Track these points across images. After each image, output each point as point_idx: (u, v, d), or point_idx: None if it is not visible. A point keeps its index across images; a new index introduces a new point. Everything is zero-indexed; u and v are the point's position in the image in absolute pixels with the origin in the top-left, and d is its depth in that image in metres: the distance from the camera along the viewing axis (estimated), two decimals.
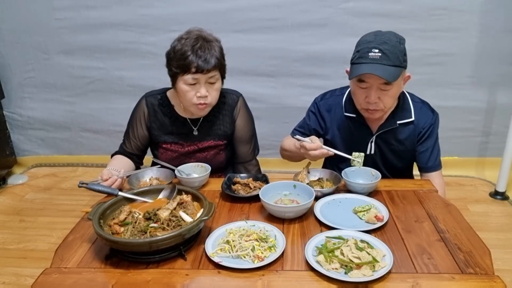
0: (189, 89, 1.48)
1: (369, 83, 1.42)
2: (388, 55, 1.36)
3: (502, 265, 1.99)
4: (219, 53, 1.48)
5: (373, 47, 1.38)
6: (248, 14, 2.66)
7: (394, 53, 1.37)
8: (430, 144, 1.60)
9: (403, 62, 1.41)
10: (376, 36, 1.41)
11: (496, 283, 0.99)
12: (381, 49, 1.37)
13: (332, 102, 1.67)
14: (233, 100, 1.69)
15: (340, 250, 1.07)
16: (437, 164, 1.63)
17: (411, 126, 1.58)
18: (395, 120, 1.56)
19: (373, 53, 1.37)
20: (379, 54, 1.36)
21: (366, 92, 1.45)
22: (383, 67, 1.36)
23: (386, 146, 1.61)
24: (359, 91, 1.48)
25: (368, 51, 1.38)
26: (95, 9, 2.75)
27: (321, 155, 1.43)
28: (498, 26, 2.57)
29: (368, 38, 1.42)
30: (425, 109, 1.60)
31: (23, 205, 2.73)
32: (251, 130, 1.75)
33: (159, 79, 2.66)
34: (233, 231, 1.18)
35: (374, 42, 1.39)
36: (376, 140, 1.60)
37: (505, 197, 2.67)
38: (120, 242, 1.06)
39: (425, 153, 1.61)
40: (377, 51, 1.37)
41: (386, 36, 1.41)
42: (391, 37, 1.41)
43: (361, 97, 1.48)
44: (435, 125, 1.60)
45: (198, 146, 1.67)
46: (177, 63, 1.45)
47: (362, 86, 1.45)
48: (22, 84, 3.04)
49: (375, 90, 1.43)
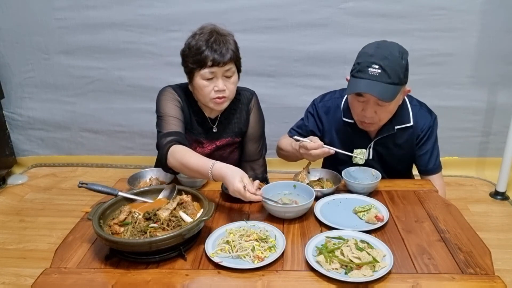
0: (206, 83, 1.47)
1: (366, 97, 1.40)
2: (388, 72, 1.32)
3: (502, 265, 1.99)
4: (234, 46, 1.48)
5: (374, 62, 1.34)
6: (248, 14, 2.66)
7: (395, 70, 1.33)
8: (429, 147, 1.59)
9: (403, 78, 1.37)
10: (377, 49, 1.37)
11: (496, 283, 0.99)
12: (381, 65, 1.32)
13: (331, 104, 1.65)
14: (247, 98, 1.69)
15: (340, 250, 1.07)
16: (437, 166, 1.62)
17: (409, 130, 1.57)
18: (393, 126, 1.54)
19: (373, 68, 1.33)
20: (379, 71, 1.33)
21: (363, 105, 1.43)
22: (381, 85, 1.33)
23: (385, 151, 1.60)
24: (356, 104, 1.46)
25: (368, 66, 1.34)
26: (95, 9, 2.75)
27: (322, 154, 1.43)
28: (498, 26, 2.57)
29: (370, 51, 1.38)
30: (423, 112, 1.58)
31: (23, 205, 2.73)
32: (261, 128, 1.74)
33: (159, 79, 2.67)
34: (233, 231, 1.18)
35: (375, 56, 1.35)
36: (375, 145, 1.59)
37: (505, 197, 2.67)
38: (120, 242, 1.06)
39: (425, 155, 1.60)
40: (377, 67, 1.33)
41: (388, 50, 1.36)
42: (393, 51, 1.36)
43: (357, 109, 1.46)
44: (433, 128, 1.58)
45: (216, 144, 1.66)
46: (193, 59, 1.44)
47: (360, 100, 1.43)
48: (22, 84, 3.04)
49: (372, 105, 1.41)
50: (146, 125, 2.95)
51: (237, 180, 1.19)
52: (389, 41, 1.42)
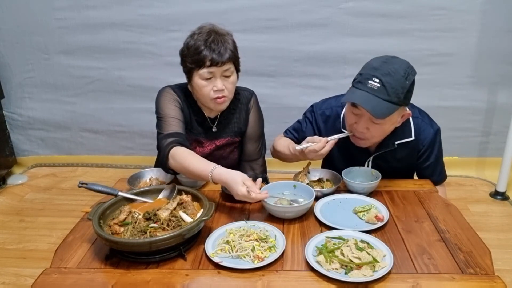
0: (205, 83, 1.47)
1: (361, 111, 1.36)
2: (387, 89, 1.28)
3: (502, 265, 1.99)
4: (233, 46, 1.48)
5: (375, 76, 1.30)
6: (248, 14, 2.66)
7: (395, 88, 1.29)
8: (433, 160, 1.56)
9: (403, 99, 1.32)
10: (383, 64, 1.32)
11: (496, 283, 0.99)
12: (382, 80, 1.28)
13: (331, 113, 1.60)
14: (246, 97, 1.69)
15: (340, 250, 1.07)
16: (441, 178, 1.60)
17: (410, 144, 1.52)
18: (393, 141, 1.50)
19: (373, 81, 1.30)
20: (378, 85, 1.29)
21: (356, 118, 1.40)
22: (377, 100, 1.29)
23: (385, 165, 1.56)
24: (350, 115, 1.43)
25: (369, 79, 1.31)
26: (95, 9, 2.75)
27: (330, 148, 1.42)
28: (498, 26, 2.57)
29: (375, 64, 1.34)
30: (424, 125, 1.53)
31: (23, 205, 2.73)
32: (261, 128, 1.75)
33: (159, 79, 2.67)
34: (233, 231, 1.18)
35: (378, 70, 1.31)
36: (374, 159, 1.56)
37: (505, 197, 2.67)
38: (120, 242, 1.06)
39: (428, 168, 1.57)
40: (377, 81, 1.29)
41: (394, 67, 1.31)
42: (399, 69, 1.31)
43: (351, 120, 1.43)
44: (436, 141, 1.54)
45: (216, 143, 1.66)
46: (192, 58, 1.44)
47: (355, 112, 1.39)
48: (22, 84, 3.04)
49: (365, 120, 1.37)
50: (146, 125, 2.95)
51: (240, 185, 1.21)
52: (399, 59, 1.37)
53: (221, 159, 1.68)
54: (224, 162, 1.68)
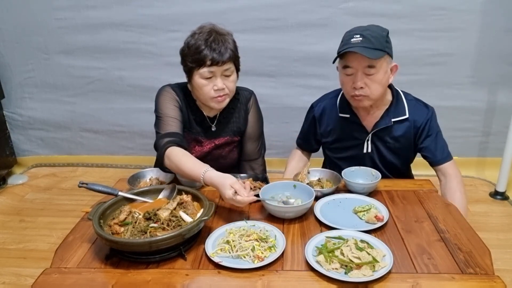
0: (205, 82, 1.47)
1: (353, 68, 1.45)
2: (370, 39, 1.40)
3: (502, 265, 1.98)
4: (233, 45, 1.48)
5: (355, 34, 1.43)
6: (248, 14, 2.66)
7: (376, 38, 1.41)
8: (432, 138, 1.60)
9: (386, 47, 1.43)
10: (358, 27, 1.47)
11: (496, 283, 0.99)
12: (363, 34, 1.41)
13: (326, 104, 1.71)
14: (246, 97, 1.69)
15: (340, 250, 1.07)
16: (446, 156, 1.62)
17: (406, 123, 1.59)
18: (389, 118, 1.57)
19: (354, 38, 1.42)
20: (361, 39, 1.41)
21: (352, 78, 1.48)
22: (365, 48, 1.39)
23: (382, 144, 1.62)
24: (345, 79, 1.51)
25: (350, 38, 1.43)
26: (95, 9, 2.75)
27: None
28: (498, 26, 2.57)
29: (351, 30, 1.48)
30: (419, 106, 1.61)
31: (23, 205, 2.73)
32: (260, 128, 1.75)
33: (159, 79, 2.66)
34: (233, 231, 1.18)
35: (356, 30, 1.45)
36: (372, 138, 1.61)
37: (505, 197, 2.67)
38: (120, 242, 1.06)
39: (430, 147, 1.61)
40: (358, 36, 1.42)
41: (368, 26, 1.47)
42: (374, 27, 1.46)
43: (348, 84, 1.50)
44: (432, 120, 1.60)
45: (215, 142, 1.66)
46: (192, 58, 1.45)
47: (348, 72, 1.48)
48: (22, 84, 3.04)
49: (360, 75, 1.45)
50: (146, 125, 2.95)
51: (227, 189, 1.21)
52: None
53: (220, 158, 1.69)
54: (224, 161, 1.69)
